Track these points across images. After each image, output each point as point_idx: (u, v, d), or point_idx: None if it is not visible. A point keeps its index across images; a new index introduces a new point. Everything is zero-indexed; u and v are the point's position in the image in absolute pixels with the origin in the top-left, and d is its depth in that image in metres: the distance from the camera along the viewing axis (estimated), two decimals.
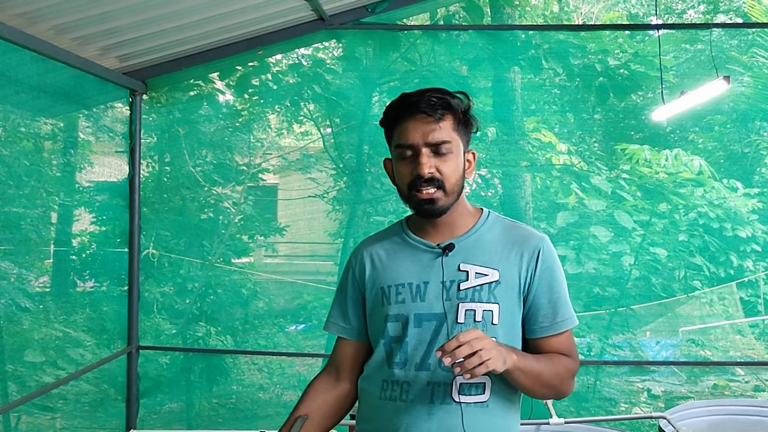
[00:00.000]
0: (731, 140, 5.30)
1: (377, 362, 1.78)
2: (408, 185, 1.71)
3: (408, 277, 1.75)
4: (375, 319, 1.81)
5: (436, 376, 1.69)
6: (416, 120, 1.69)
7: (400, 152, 1.72)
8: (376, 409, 1.76)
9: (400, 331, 1.74)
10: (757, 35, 4.93)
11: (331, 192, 5.05)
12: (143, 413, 4.44)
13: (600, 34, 4.70)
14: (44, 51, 3.17)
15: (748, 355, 5.16)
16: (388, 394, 1.74)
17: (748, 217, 5.06)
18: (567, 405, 4.49)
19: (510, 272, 1.74)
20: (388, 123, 1.76)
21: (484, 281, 1.72)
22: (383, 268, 1.81)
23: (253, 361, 5.15)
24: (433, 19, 4.80)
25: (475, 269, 1.73)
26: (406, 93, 1.74)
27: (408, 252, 1.80)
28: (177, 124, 4.53)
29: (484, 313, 1.70)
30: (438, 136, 1.69)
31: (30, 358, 4.17)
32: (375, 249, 1.86)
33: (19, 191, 4.06)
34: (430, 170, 1.68)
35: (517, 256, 1.75)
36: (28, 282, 4.30)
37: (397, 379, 1.73)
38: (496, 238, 1.79)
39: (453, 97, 1.72)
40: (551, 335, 1.76)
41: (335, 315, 1.91)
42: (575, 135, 5.03)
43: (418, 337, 1.72)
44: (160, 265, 4.61)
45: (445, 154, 1.70)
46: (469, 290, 1.71)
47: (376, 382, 1.77)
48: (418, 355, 1.71)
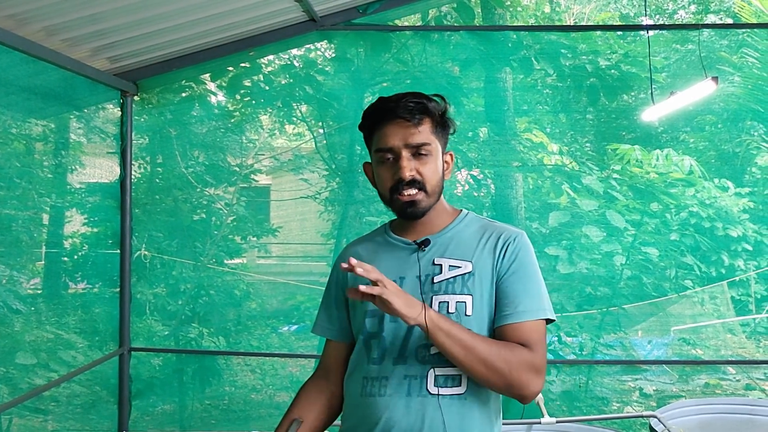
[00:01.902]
0: (722, 140, 5.33)
1: (357, 359, 1.80)
2: (390, 189, 1.74)
3: (386, 272, 1.75)
4: (356, 316, 1.84)
5: (412, 369, 1.71)
6: (395, 124, 1.72)
7: (380, 156, 1.74)
8: (357, 407, 1.78)
9: (376, 326, 1.76)
10: (747, 36, 4.96)
11: (324, 193, 5.05)
12: (136, 415, 4.43)
13: (591, 34, 4.72)
14: (34, 52, 3.16)
15: (739, 353, 5.19)
16: (368, 391, 1.75)
17: (739, 217, 5.08)
18: (559, 404, 4.50)
19: (483, 264, 1.75)
20: (368, 128, 1.79)
21: (458, 273, 1.74)
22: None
23: (246, 362, 5.14)
24: (424, 20, 4.81)
25: (449, 262, 1.76)
26: (383, 98, 1.77)
27: (387, 250, 1.83)
28: (168, 125, 4.52)
29: (457, 305, 1.72)
30: (417, 139, 1.72)
31: (21, 360, 4.16)
32: (357, 250, 1.89)
33: (11, 193, 4.05)
34: (411, 173, 1.71)
35: (491, 247, 1.77)
36: (19, 284, 4.29)
37: (376, 375, 1.74)
38: (472, 234, 1.81)
39: (430, 100, 1.75)
40: (512, 323, 1.72)
41: (322, 317, 1.94)
42: (567, 135, 5.04)
43: (394, 332, 1.74)
44: (153, 266, 4.60)
45: (425, 156, 1.73)
46: (442, 283, 1.74)
47: (357, 380, 1.79)
48: (395, 349, 1.73)
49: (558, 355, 4.70)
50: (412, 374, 1.71)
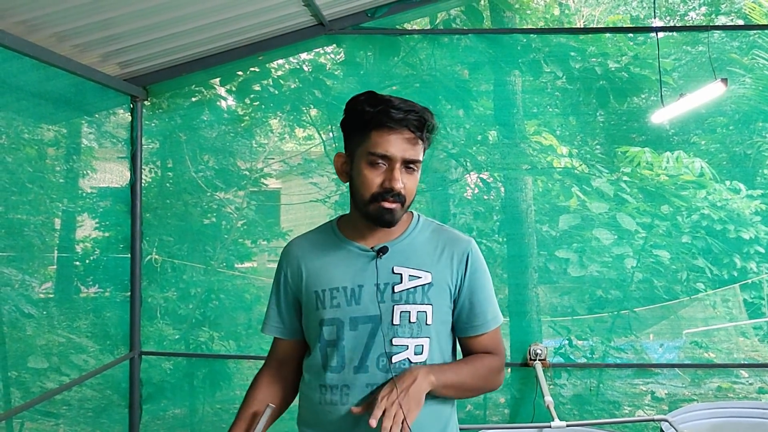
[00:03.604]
0: (733, 142, 5.28)
1: (314, 367, 1.82)
2: (373, 194, 1.74)
3: (342, 280, 1.78)
4: (310, 322, 1.85)
5: (373, 377, 1.75)
6: (399, 134, 1.72)
7: (372, 159, 1.73)
8: (317, 414, 1.81)
9: (335, 334, 1.78)
10: (758, 37, 4.93)
11: (333, 196, 5.05)
12: (146, 419, 4.45)
13: (600, 37, 4.70)
14: (45, 58, 3.18)
15: (752, 357, 5.14)
16: (327, 398, 1.78)
17: (751, 219, 5.04)
18: (570, 408, 4.48)
19: (442, 275, 1.80)
20: (364, 124, 1.75)
21: (418, 283, 1.77)
22: (317, 271, 1.84)
23: (257, 366, 5.12)
24: (432, 23, 4.81)
25: (409, 272, 1.78)
26: (386, 99, 1.74)
27: (341, 255, 1.83)
28: (179, 130, 4.55)
29: (418, 314, 1.76)
30: (413, 155, 1.74)
31: (33, 364, 4.18)
32: (307, 252, 1.89)
33: (23, 198, 4.07)
34: (401, 186, 1.73)
35: (448, 259, 1.82)
36: (31, 288, 4.30)
37: (335, 383, 1.77)
38: (427, 241, 1.84)
39: (433, 118, 1.77)
40: (484, 333, 1.85)
41: (272, 317, 1.97)
42: (576, 138, 5.02)
43: (354, 341, 1.76)
44: (163, 270, 4.62)
45: (414, 172, 1.77)
46: (403, 292, 1.76)
47: (314, 387, 1.82)
48: (356, 357, 1.76)
49: (569, 358, 4.68)
50: (373, 383, 1.74)
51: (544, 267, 4.75)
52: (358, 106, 1.78)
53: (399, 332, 1.74)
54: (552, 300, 4.83)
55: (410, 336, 1.75)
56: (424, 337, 1.76)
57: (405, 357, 1.75)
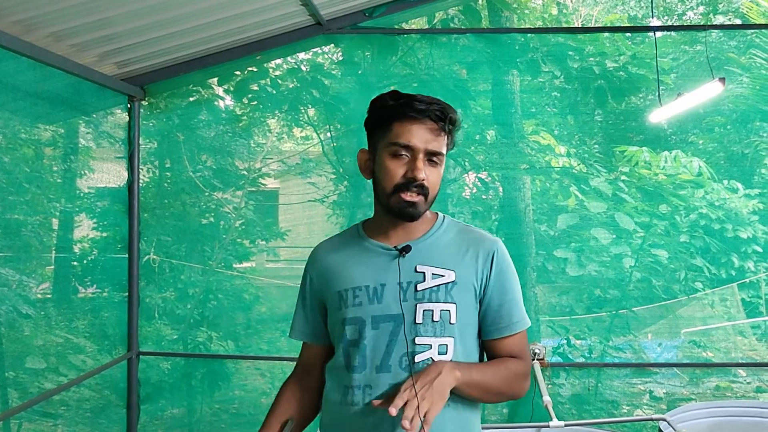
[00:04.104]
0: (731, 141, 5.28)
1: (337, 368, 1.80)
2: (396, 185, 1.72)
3: (364, 279, 1.76)
4: (334, 323, 1.83)
5: (397, 377, 1.71)
6: (421, 124, 1.70)
7: (394, 150, 1.72)
8: (340, 415, 1.78)
9: (357, 334, 1.76)
10: (756, 36, 4.93)
11: (332, 196, 5.05)
12: (144, 419, 4.44)
13: (598, 36, 4.70)
14: (42, 58, 3.18)
15: (749, 356, 5.15)
16: (349, 399, 1.75)
17: (749, 218, 5.04)
18: (569, 408, 4.48)
19: (466, 274, 1.77)
20: (386, 118, 1.74)
21: (441, 282, 1.75)
22: (340, 272, 1.82)
23: (256, 366, 5.14)
24: (430, 23, 4.80)
25: (432, 270, 1.75)
26: (409, 94, 1.74)
27: (364, 255, 1.82)
28: (176, 130, 4.54)
29: (441, 313, 1.73)
30: (436, 147, 1.71)
31: (31, 365, 4.17)
32: (331, 253, 1.88)
33: (20, 198, 4.06)
34: (424, 176, 1.70)
35: (473, 258, 1.79)
36: (29, 288, 4.29)
37: (358, 384, 1.74)
38: (451, 240, 1.82)
39: (455, 113, 1.75)
40: (506, 336, 1.80)
41: (298, 321, 1.94)
42: (574, 137, 5.02)
43: (376, 340, 1.74)
44: (161, 270, 4.61)
45: (436, 165, 1.74)
46: (426, 291, 1.74)
47: (338, 389, 1.79)
48: (378, 357, 1.73)
49: (567, 358, 4.69)
50: (397, 382, 1.71)
51: (543, 266, 4.75)
52: (382, 102, 1.77)
53: (422, 331, 1.72)
54: (550, 299, 4.83)
55: (433, 335, 1.72)
56: (448, 337, 1.73)
57: (428, 356, 1.72)
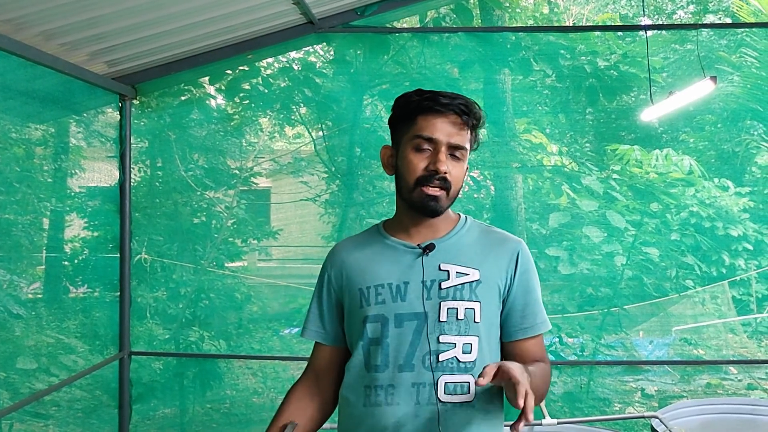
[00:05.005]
0: (722, 139, 5.32)
1: (357, 367, 1.76)
2: (418, 178, 1.70)
3: (388, 277, 1.74)
4: (353, 321, 1.79)
5: (420, 376, 1.68)
6: (445, 118, 1.69)
7: (417, 143, 1.70)
8: (361, 416, 1.73)
9: (379, 332, 1.72)
10: (746, 35, 4.96)
11: (324, 195, 5.05)
12: (136, 419, 4.43)
13: (589, 35, 4.72)
14: (32, 57, 3.16)
15: (740, 353, 5.18)
16: (372, 400, 1.71)
17: (740, 216, 5.07)
18: (561, 405, 4.49)
19: (490, 273, 1.75)
20: (411, 112, 1.73)
21: (465, 280, 1.72)
22: (361, 270, 1.79)
23: (248, 366, 5.13)
24: (422, 21, 4.81)
25: (456, 269, 1.73)
26: (434, 90, 1.73)
27: (387, 253, 1.79)
28: (168, 129, 4.52)
29: (466, 311, 1.70)
30: (459, 141, 1.70)
31: (22, 365, 4.15)
32: (352, 252, 1.85)
33: (10, 197, 4.05)
34: (446, 169, 1.69)
35: (497, 258, 1.77)
36: (19, 288, 4.28)
37: (380, 383, 1.71)
38: (475, 240, 1.80)
39: (480, 110, 1.74)
40: (529, 337, 1.78)
41: (312, 320, 1.89)
42: (566, 136, 5.04)
43: (398, 338, 1.71)
44: (153, 270, 4.59)
45: (459, 160, 1.72)
46: (450, 289, 1.71)
47: (358, 390, 1.75)
48: (401, 356, 1.70)
49: (559, 356, 4.70)
50: (420, 382, 1.68)
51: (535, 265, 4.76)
52: (406, 98, 1.76)
53: (446, 329, 1.69)
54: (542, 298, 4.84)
55: (458, 333, 1.69)
56: (473, 336, 1.70)
57: (453, 355, 1.69)
